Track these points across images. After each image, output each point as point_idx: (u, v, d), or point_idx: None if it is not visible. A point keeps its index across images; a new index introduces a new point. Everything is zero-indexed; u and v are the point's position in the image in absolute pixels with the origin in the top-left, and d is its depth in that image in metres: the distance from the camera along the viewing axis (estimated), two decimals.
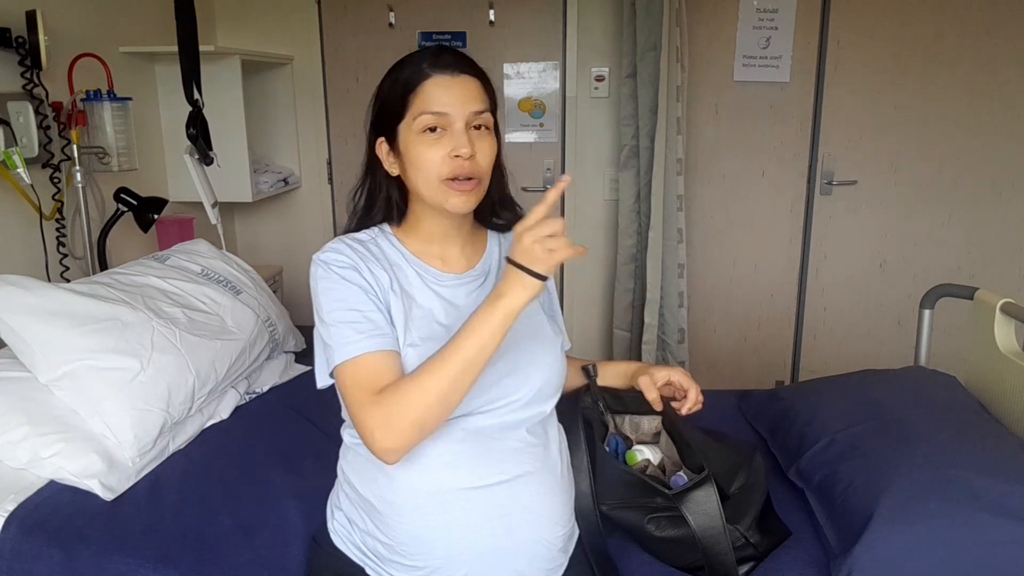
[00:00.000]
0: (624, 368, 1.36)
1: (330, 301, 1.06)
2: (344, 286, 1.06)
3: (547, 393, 1.16)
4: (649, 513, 1.23)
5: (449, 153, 1.06)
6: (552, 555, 1.14)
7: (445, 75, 1.07)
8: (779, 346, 3.20)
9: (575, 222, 3.10)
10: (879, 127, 2.94)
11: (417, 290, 1.12)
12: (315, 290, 1.08)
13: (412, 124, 1.07)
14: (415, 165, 1.08)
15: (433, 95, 1.06)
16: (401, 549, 1.09)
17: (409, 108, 1.07)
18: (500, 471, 1.08)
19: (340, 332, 1.03)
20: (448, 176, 1.06)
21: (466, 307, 1.13)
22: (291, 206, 3.20)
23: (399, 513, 1.09)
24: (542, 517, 1.12)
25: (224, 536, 1.32)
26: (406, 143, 1.08)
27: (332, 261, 1.08)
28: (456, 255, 1.17)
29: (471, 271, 1.17)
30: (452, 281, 1.15)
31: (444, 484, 1.07)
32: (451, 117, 1.06)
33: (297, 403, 1.80)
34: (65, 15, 2.10)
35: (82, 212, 2.08)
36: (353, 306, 1.05)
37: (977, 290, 1.73)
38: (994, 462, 1.30)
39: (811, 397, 1.68)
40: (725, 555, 1.15)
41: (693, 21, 2.82)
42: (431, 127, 1.06)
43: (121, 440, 1.45)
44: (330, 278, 1.07)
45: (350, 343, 1.02)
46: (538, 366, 1.15)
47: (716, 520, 1.17)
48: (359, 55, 3.03)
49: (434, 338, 1.07)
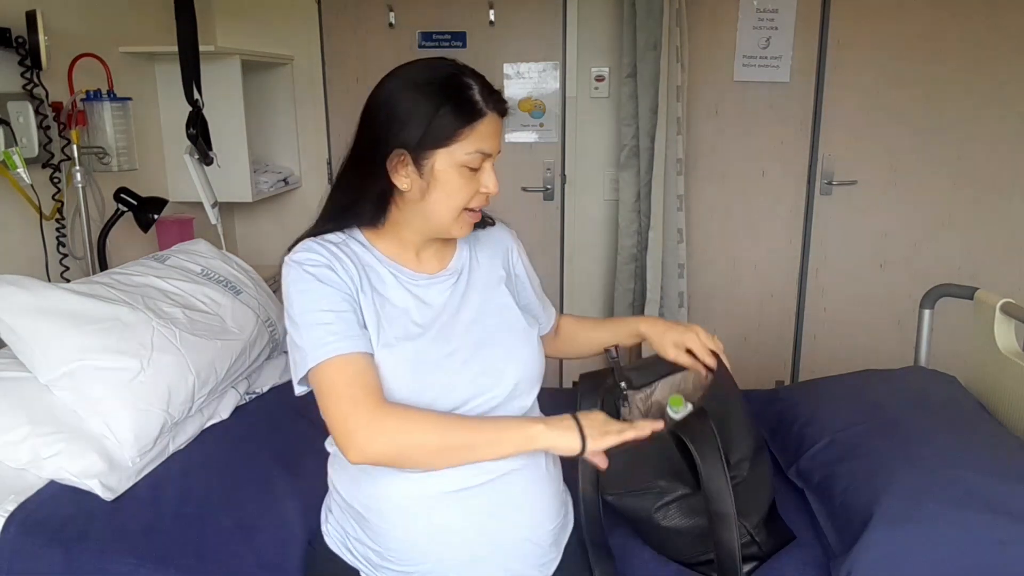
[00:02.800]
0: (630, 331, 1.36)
1: (304, 302, 1.05)
2: (319, 287, 1.05)
3: (524, 388, 1.16)
4: (656, 501, 1.23)
5: (480, 189, 1.09)
6: (543, 550, 1.14)
7: (497, 116, 1.08)
8: (779, 346, 3.20)
9: (575, 222, 3.10)
10: (879, 127, 2.94)
11: (392, 290, 1.12)
12: (287, 292, 1.07)
13: (459, 155, 1.05)
14: (444, 192, 1.07)
15: (488, 135, 1.07)
16: (390, 555, 1.10)
17: (460, 139, 1.05)
18: (484, 470, 1.08)
19: (314, 334, 1.03)
20: (472, 207, 1.10)
21: (440, 306, 1.14)
22: (291, 206, 3.20)
23: (386, 519, 1.09)
24: (530, 513, 1.13)
25: (224, 536, 1.32)
26: (444, 169, 1.06)
27: (306, 261, 1.08)
28: (429, 256, 1.18)
29: (443, 271, 1.18)
30: (426, 281, 1.15)
31: (429, 488, 1.07)
32: (494, 157, 1.09)
33: (297, 403, 1.79)
34: (65, 15, 2.10)
35: (82, 212, 2.08)
36: (328, 307, 1.05)
37: (977, 290, 1.73)
38: (994, 462, 1.30)
39: (811, 397, 1.68)
40: (720, 479, 1.14)
41: (693, 21, 2.82)
42: (474, 165, 1.07)
43: (121, 440, 1.44)
44: (304, 279, 1.06)
45: (326, 344, 1.02)
46: (513, 361, 1.15)
47: (714, 445, 1.15)
48: (359, 55, 3.03)
49: (409, 338, 1.08)
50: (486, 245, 1.25)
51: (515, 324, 1.19)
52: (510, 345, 1.16)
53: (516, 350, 1.16)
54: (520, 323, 1.19)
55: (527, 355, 1.17)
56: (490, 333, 1.14)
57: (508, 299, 1.21)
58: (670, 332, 1.30)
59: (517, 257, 1.29)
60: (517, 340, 1.17)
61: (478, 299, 1.18)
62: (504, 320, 1.18)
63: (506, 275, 1.24)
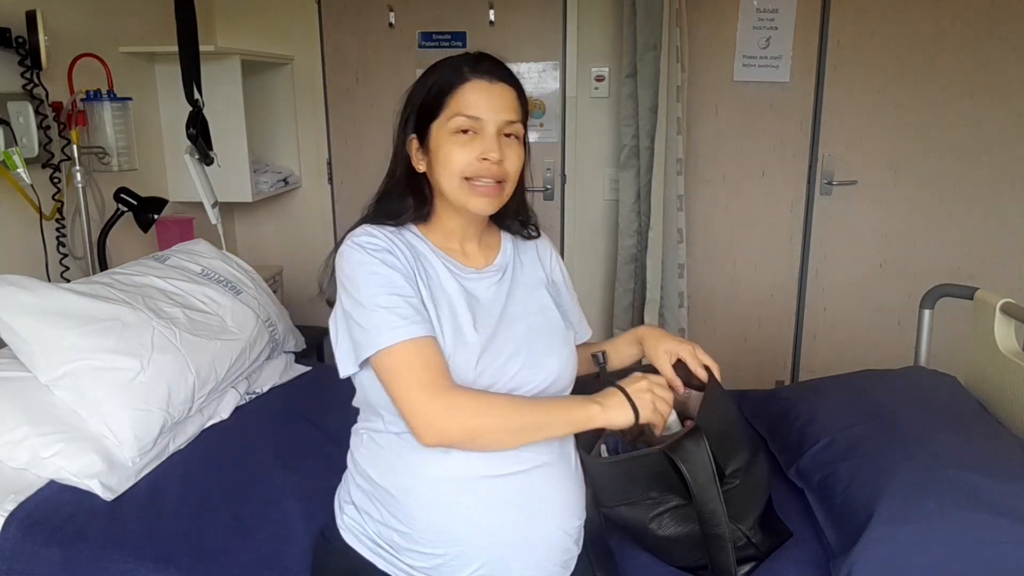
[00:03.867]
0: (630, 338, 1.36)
1: (372, 285, 1.06)
2: (385, 270, 1.07)
3: (561, 385, 1.18)
4: (650, 511, 1.23)
5: (478, 156, 1.09)
6: (567, 546, 1.15)
7: (483, 80, 1.10)
8: (779, 346, 3.20)
9: (575, 222, 3.10)
10: (879, 127, 2.94)
11: (445, 281, 1.14)
12: (352, 274, 1.08)
13: (446, 124, 1.10)
14: (442, 163, 1.11)
15: (470, 99, 1.10)
16: (419, 537, 1.09)
17: (445, 108, 1.10)
18: (518, 460, 1.09)
19: (382, 316, 1.05)
20: (470, 175, 1.10)
21: (487, 300, 1.16)
22: (291, 206, 3.20)
23: (418, 500, 1.09)
24: (559, 507, 1.13)
25: (224, 536, 1.32)
26: (437, 141, 1.11)
27: (368, 245, 1.09)
28: (475, 251, 1.21)
29: (490, 267, 1.21)
30: (474, 275, 1.18)
31: (463, 471, 1.08)
32: (484, 122, 1.10)
33: (297, 403, 1.80)
34: (65, 15, 2.10)
35: (82, 212, 2.08)
36: (395, 291, 1.06)
37: (977, 290, 1.73)
38: (994, 462, 1.30)
39: (811, 397, 1.68)
40: (715, 502, 1.14)
41: (693, 21, 2.81)
42: (463, 129, 1.09)
43: (121, 440, 1.45)
44: (370, 262, 1.08)
45: (395, 327, 1.04)
46: (554, 358, 1.17)
47: (708, 468, 1.14)
48: (359, 55, 3.03)
49: (458, 328, 1.10)
50: (528, 248, 1.29)
51: (555, 324, 1.21)
52: (551, 343, 1.18)
53: (556, 348, 1.18)
54: (560, 323, 1.22)
55: (565, 355, 1.19)
56: (533, 330, 1.17)
57: (549, 300, 1.24)
58: (666, 341, 1.30)
59: (556, 265, 1.33)
60: (557, 339, 1.19)
61: (522, 297, 1.20)
62: (546, 319, 1.21)
63: (546, 279, 1.27)
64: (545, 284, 1.26)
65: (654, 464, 1.19)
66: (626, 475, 1.22)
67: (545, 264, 1.30)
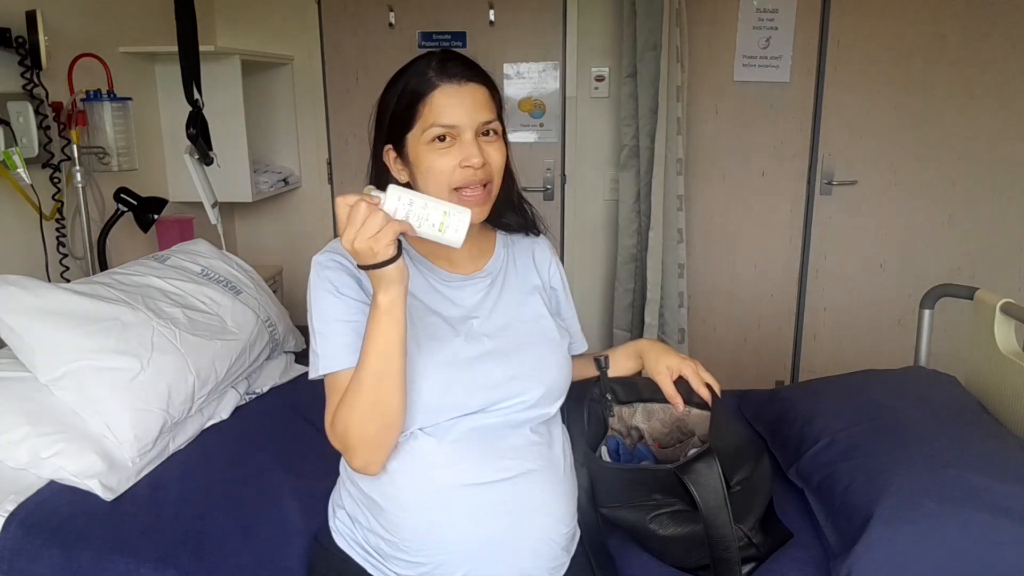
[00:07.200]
0: (630, 351, 1.36)
1: (321, 308, 1.07)
2: (335, 296, 1.06)
3: (553, 396, 1.17)
4: (651, 512, 1.23)
5: (460, 163, 1.06)
6: (555, 553, 1.14)
7: (452, 84, 1.07)
8: (779, 346, 3.20)
9: (575, 222, 3.10)
10: (879, 127, 2.94)
11: (421, 291, 1.12)
12: (309, 293, 1.09)
13: (421, 135, 1.07)
14: (425, 174, 1.08)
15: (442, 106, 1.06)
16: (404, 546, 1.09)
17: (418, 119, 1.07)
18: (503, 468, 1.09)
19: (327, 342, 1.05)
20: (459, 185, 1.07)
21: (471, 307, 1.14)
22: (291, 206, 3.20)
23: (402, 509, 1.09)
24: (545, 515, 1.12)
25: (224, 536, 1.32)
26: (415, 152, 1.08)
27: (329, 264, 1.08)
28: (463, 256, 1.17)
29: (479, 272, 1.18)
30: (459, 281, 1.16)
31: (447, 480, 1.08)
32: (461, 128, 1.06)
33: (297, 403, 1.80)
34: (65, 15, 2.10)
35: (82, 212, 2.08)
36: (342, 316, 1.06)
37: (977, 290, 1.73)
38: (994, 462, 1.30)
39: (811, 397, 1.68)
40: (725, 527, 1.14)
41: (693, 21, 2.81)
42: (440, 137, 1.06)
43: (121, 440, 1.45)
44: (323, 286, 1.07)
45: (332, 356, 1.05)
46: (546, 368, 1.15)
47: (719, 492, 1.14)
48: (359, 55, 3.03)
49: (438, 338, 1.09)
50: (525, 253, 1.26)
51: (547, 332, 1.19)
52: (541, 353, 1.16)
53: (547, 358, 1.16)
54: (552, 332, 1.19)
55: (557, 364, 1.17)
56: (522, 339, 1.15)
57: (542, 308, 1.21)
58: (669, 356, 1.29)
59: (555, 272, 1.29)
60: (548, 348, 1.17)
61: (513, 304, 1.18)
62: (537, 327, 1.18)
63: (541, 285, 1.25)
64: (540, 290, 1.23)
65: (664, 478, 1.19)
66: (632, 481, 1.23)
67: (542, 270, 1.27)
